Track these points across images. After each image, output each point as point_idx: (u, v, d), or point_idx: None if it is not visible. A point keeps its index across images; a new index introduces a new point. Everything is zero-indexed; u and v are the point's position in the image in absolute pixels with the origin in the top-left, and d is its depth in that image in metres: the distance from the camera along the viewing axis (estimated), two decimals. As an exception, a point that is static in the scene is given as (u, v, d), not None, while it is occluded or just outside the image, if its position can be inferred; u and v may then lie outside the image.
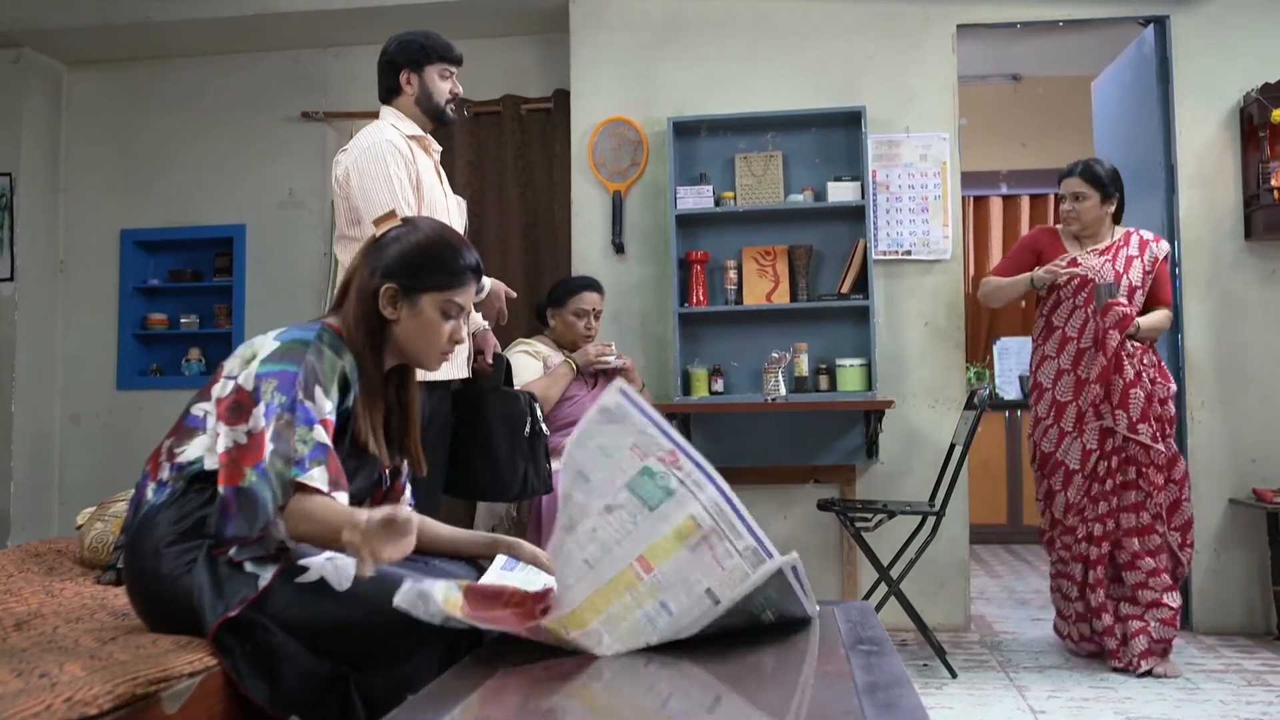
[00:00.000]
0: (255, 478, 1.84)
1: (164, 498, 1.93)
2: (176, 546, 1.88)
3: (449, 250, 2.09)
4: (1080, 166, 4.01)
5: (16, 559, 2.88)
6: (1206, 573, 4.46)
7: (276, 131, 5.47)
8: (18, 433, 5.31)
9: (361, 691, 1.83)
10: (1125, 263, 3.95)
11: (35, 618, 2.09)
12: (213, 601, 1.81)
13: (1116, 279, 3.90)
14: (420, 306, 2.05)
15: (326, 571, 1.86)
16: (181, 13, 5.10)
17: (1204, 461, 4.48)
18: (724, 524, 1.54)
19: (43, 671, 1.59)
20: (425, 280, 2.05)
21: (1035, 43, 6.51)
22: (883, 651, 1.70)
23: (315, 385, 1.92)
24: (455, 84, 3.35)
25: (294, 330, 2.01)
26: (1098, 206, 3.97)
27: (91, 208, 5.61)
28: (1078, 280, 3.91)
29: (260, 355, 1.94)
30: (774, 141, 4.80)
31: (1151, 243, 3.99)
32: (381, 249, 2.07)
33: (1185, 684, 3.63)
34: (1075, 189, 3.99)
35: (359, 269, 2.08)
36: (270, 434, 1.86)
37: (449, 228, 2.16)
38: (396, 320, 2.05)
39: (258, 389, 1.89)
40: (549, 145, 5.16)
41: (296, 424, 1.87)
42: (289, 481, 1.85)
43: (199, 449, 1.95)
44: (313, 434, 1.88)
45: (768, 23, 4.82)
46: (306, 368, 1.92)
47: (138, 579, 1.94)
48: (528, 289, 5.02)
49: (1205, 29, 4.56)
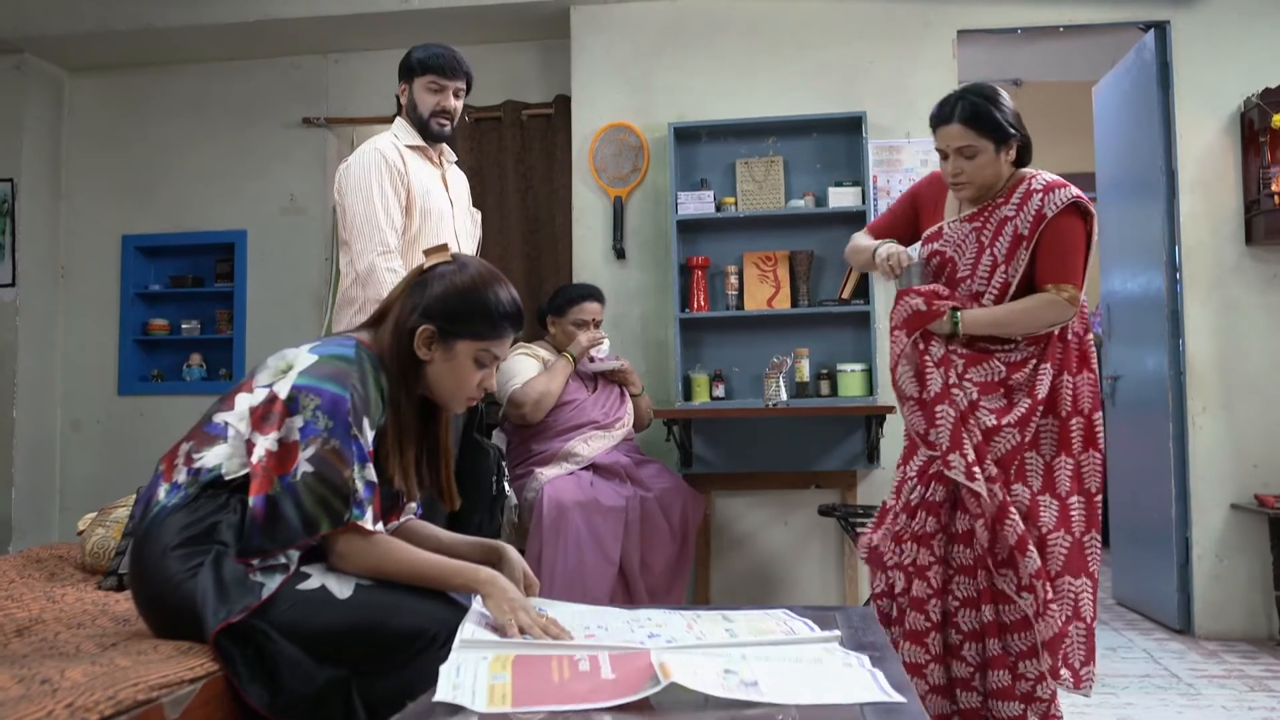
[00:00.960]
0: (280, 489, 1.85)
1: (176, 500, 1.92)
2: (183, 550, 1.88)
3: (493, 299, 2.06)
4: (960, 106, 2.75)
5: (18, 565, 2.88)
6: (1208, 578, 4.46)
7: (277, 137, 5.47)
8: (19, 438, 5.31)
9: (363, 697, 1.83)
10: (995, 229, 2.80)
11: (36, 623, 2.09)
12: (215, 606, 1.81)
13: (979, 253, 2.82)
14: (455, 351, 2.05)
15: (328, 579, 1.87)
16: (182, 19, 5.11)
17: (1205, 467, 4.48)
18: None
19: (44, 677, 1.59)
20: (465, 327, 2.04)
21: (1036, 48, 6.51)
22: (884, 657, 1.70)
23: (364, 417, 1.93)
24: (448, 98, 3.32)
25: (330, 345, 2.01)
26: (994, 160, 2.76)
27: (93, 213, 5.61)
28: (938, 259, 2.90)
29: (298, 367, 1.94)
30: (775, 147, 4.81)
31: (1042, 192, 2.76)
32: (425, 285, 2.06)
33: (1188, 690, 3.63)
34: (958, 141, 2.75)
35: (401, 300, 2.07)
36: (308, 453, 1.86)
37: (495, 273, 2.12)
38: (430, 361, 2.05)
39: (295, 400, 1.89)
40: (550, 151, 5.16)
41: (351, 460, 1.87)
42: (346, 521, 1.85)
43: (218, 457, 1.94)
44: (365, 472, 1.89)
45: (768, 28, 4.83)
46: (354, 394, 1.91)
47: (142, 579, 1.94)
48: (528, 295, 5.02)
49: (1206, 34, 4.56)
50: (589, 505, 3.70)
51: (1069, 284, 2.71)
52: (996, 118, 2.72)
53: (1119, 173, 5.19)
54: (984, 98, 2.74)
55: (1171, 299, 4.58)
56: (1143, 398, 4.88)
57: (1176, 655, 4.13)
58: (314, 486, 1.85)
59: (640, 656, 1.55)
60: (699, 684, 1.41)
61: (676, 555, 3.96)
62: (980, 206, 2.83)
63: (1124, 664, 4.02)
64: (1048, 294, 2.72)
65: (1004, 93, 2.79)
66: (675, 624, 1.88)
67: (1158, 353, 4.67)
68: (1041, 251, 2.74)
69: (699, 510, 4.14)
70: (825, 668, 1.58)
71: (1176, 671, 3.88)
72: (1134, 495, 5.03)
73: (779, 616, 1.95)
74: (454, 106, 3.34)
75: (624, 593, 3.81)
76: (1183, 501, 4.51)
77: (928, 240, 2.92)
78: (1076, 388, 2.78)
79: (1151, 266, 4.73)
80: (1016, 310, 2.75)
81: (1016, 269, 2.76)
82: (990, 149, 2.73)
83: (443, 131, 3.34)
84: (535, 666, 1.52)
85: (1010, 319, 2.75)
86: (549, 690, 1.44)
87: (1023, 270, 2.75)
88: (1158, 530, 4.67)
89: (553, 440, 3.96)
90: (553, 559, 3.64)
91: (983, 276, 2.80)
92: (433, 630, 1.83)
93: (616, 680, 1.46)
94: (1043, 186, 2.76)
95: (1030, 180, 2.79)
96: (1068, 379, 2.77)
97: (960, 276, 2.83)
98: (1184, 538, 4.51)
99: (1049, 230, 2.72)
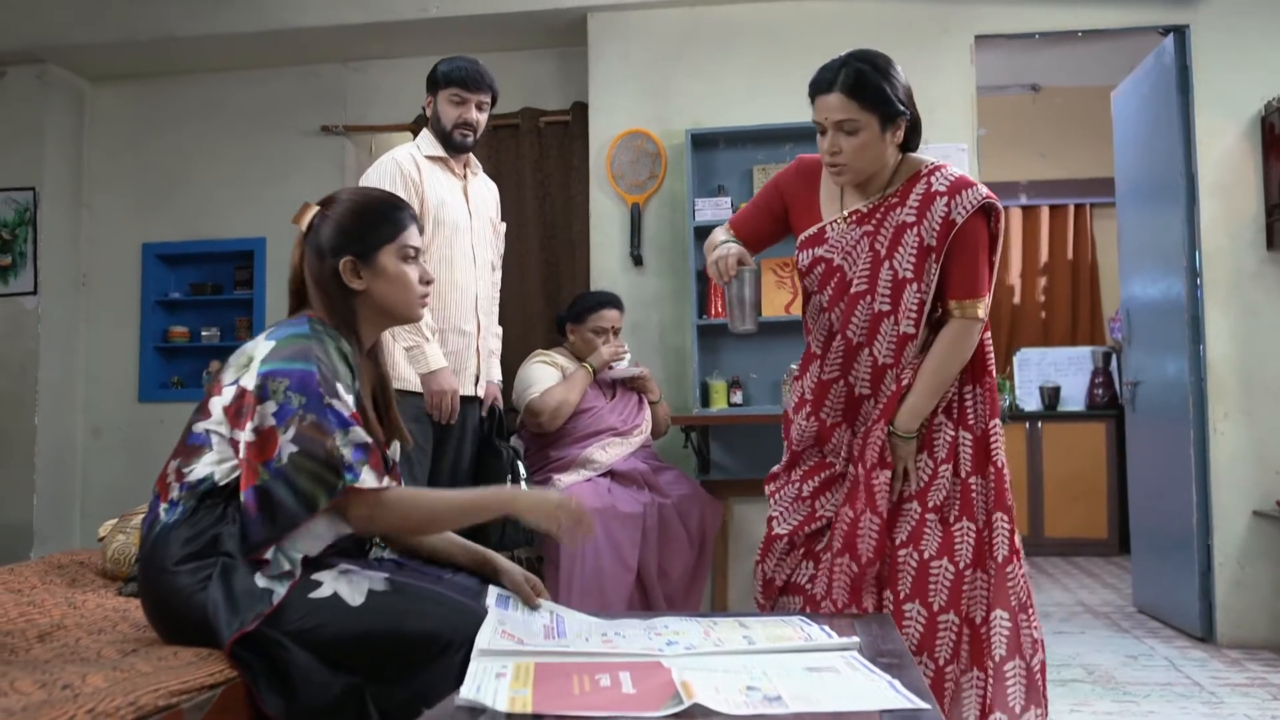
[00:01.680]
0: (268, 476, 1.86)
1: (176, 516, 1.93)
2: (189, 564, 1.88)
3: (379, 203, 2.16)
4: (843, 73, 2.38)
5: (39, 571, 2.90)
6: (1230, 586, 4.42)
7: (296, 145, 5.49)
8: (40, 445, 5.34)
9: (378, 704, 1.83)
10: (892, 236, 2.43)
11: (58, 629, 2.11)
12: (228, 617, 1.81)
13: (875, 264, 2.45)
14: (381, 264, 2.10)
15: (339, 586, 1.87)
16: (202, 28, 5.14)
17: (1226, 473, 4.45)
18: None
19: (65, 683, 1.60)
20: (373, 238, 2.10)
21: (1054, 53, 6.49)
22: (903, 664, 1.69)
23: (335, 383, 1.94)
24: (469, 111, 3.35)
25: (284, 328, 2.02)
26: (878, 139, 2.40)
27: (113, 222, 5.65)
28: (823, 267, 2.53)
29: (259, 356, 1.95)
30: (792, 153, 4.77)
31: (947, 195, 2.39)
32: (316, 233, 2.10)
33: (1210, 698, 3.60)
34: (838, 114, 2.38)
35: (304, 263, 2.11)
36: (289, 435, 1.87)
37: (366, 188, 2.24)
38: (365, 289, 2.09)
39: (264, 386, 1.90)
40: (567, 158, 5.17)
41: (331, 429, 1.88)
42: (341, 490, 1.87)
43: (207, 465, 1.95)
44: (349, 436, 1.90)
45: (785, 34, 4.82)
46: (320, 365, 1.93)
47: (152, 597, 1.94)
48: (546, 302, 5.03)
49: (1226, 38, 4.53)
50: (607, 512, 3.70)
51: (977, 298, 2.40)
52: (884, 89, 2.36)
53: (1138, 178, 5.17)
54: (872, 66, 2.38)
55: (1192, 304, 4.55)
56: (1163, 404, 4.85)
57: (1198, 663, 4.10)
58: (302, 464, 1.86)
59: (662, 674, 1.55)
60: (722, 704, 1.40)
61: (694, 562, 3.96)
62: (871, 205, 2.46)
63: (1145, 672, 3.99)
64: (955, 325, 2.42)
65: (896, 64, 2.45)
66: (693, 631, 1.88)
67: (1178, 358, 4.64)
68: (950, 263, 2.39)
69: (717, 517, 4.13)
70: (843, 676, 1.58)
71: (1199, 680, 3.85)
72: (1155, 502, 5.00)
73: (796, 623, 1.94)
74: (476, 119, 3.38)
75: (642, 599, 3.81)
76: (1204, 508, 4.48)
77: (807, 244, 2.56)
78: (965, 400, 2.49)
79: (1171, 272, 4.70)
80: (937, 376, 2.43)
81: (929, 285, 2.41)
82: (875, 126, 2.36)
83: (465, 143, 3.37)
84: (556, 683, 1.52)
85: (938, 385, 2.44)
86: (570, 701, 1.44)
87: (935, 285, 2.43)
88: (1179, 537, 4.64)
89: (570, 447, 3.96)
90: (570, 566, 3.64)
91: (886, 295, 2.43)
92: (447, 635, 1.83)
93: (637, 696, 1.45)
94: (946, 187, 2.39)
95: (930, 178, 2.42)
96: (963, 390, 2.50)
97: (856, 291, 2.46)
98: (1205, 545, 4.48)
99: (957, 238, 2.37)
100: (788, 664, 1.64)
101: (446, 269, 3.34)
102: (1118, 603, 5.42)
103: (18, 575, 2.78)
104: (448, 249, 3.34)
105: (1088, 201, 7.83)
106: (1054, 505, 7.14)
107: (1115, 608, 5.29)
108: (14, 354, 5.36)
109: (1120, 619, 5.01)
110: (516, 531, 3.48)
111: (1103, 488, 7.09)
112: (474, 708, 1.42)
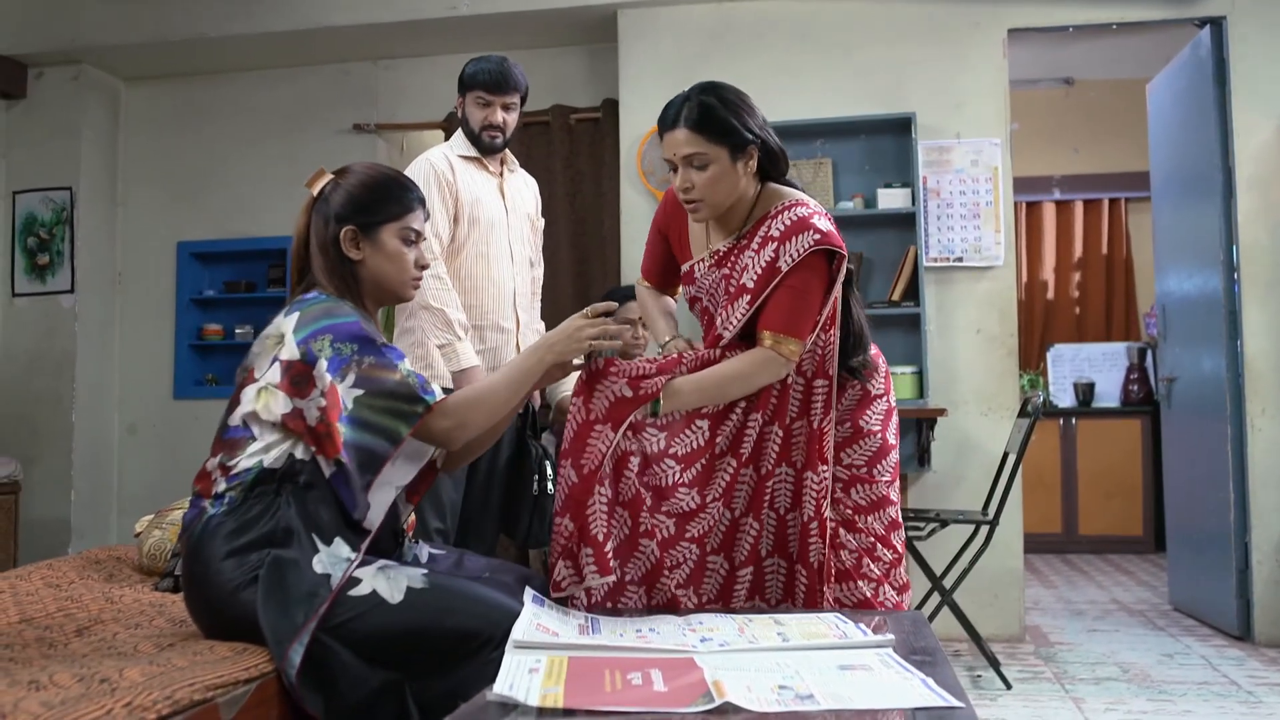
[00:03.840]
0: (347, 429, 1.91)
1: (222, 509, 1.93)
2: (234, 559, 1.89)
3: (392, 183, 2.18)
4: (685, 108, 2.29)
5: (77, 566, 2.93)
6: (1268, 584, 4.37)
7: (328, 143, 5.52)
8: (77, 442, 5.41)
9: (416, 700, 1.84)
10: (738, 281, 2.32)
11: (95, 624, 2.13)
12: (276, 621, 1.82)
13: (725, 309, 2.33)
14: (381, 240, 2.14)
15: (378, 584, 1.88)
16: (235, 28, 5.18)
17: (1265, 470, 4.39)
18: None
19: (103, 677, 1.62)
20: (379, 213, 2.14)
21: (1088, 46, 6.44)
22: (936, 662, 1.68)
23: (374, 329, 2.03)
24: (495, 113, 3.34)
25: (299, 303, 2.06)
26: (730, 170, 2.29)
27: (148, 220, 5.70)
28: (698, 306, 2.48)
29: (289, 329, 1.99)
30: (823, 149, 4.78)
31: (779, 241, 2.26)
32: (326, 200, 2.15)
33: (1248, 698, 3.56)
34: (685, 148, 2.28)
35: (310, 227, 2.17)
36: (348, 382, 1.93)
37: (383, 165, 2.24)
38: (362, 260, 2.13)
39: (308, 351, 1.95)
40: (598, 155, 5.17)
41: (394, 363, 1.97)
42: (422, 414, 1.95)
43: (254, 456, 1.96)
44: (405, 365, 1.98)
45: (815, 30, 4.80)
46: (358, 316, 2.02)
47: (196, 591, 1.96)
48: (576, 299, 5.03)
49: (1263, 30, 4.47)
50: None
51: (794, 338, 2.22)
52: (729, 120, 2.26)
53: (1174, 171, 5.11)
54: (718, 98, 2.29)
55: (1229, 299, 4.50)
56: (1199, 400, 4.80)
57: (1235, 662, 4.05)
58: (372, 403, 1.92)
59: (694, 672, 1.54)
60: (754, 703, 1.40)
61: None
62: (728, 246, 2.36)
63: (1182, 670, 3.95)
64: (765, 350, 2.22)
65: (745, 94, 2.36)
66: (727, 628, 1.88)
67: (1215, 354, 4.59)
68: (772, 299, 2.24)
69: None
70: (877, 674, 1.57)
71: (1236, 679, 3.81)
72: (1191, 499, 4.94)
73: (831, 620, 1.93)
74: (503, 120, 3.35)
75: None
76: (1241, 505, 4.43)
77: (684, 281, 2.49)
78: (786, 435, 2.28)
79: (1208, 266, 4.65)
80: (728, 376, 2.24)
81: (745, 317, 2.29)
82: (724, 158, 2.26)
83: (494, 144, 3.37)
84: (587, 679, 1.53)
85: (721, 387, 2.23)
86: (601, 697, 1.44)
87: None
88: (1216, 535, 4.59)
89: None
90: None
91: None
92: (486, 632, 1.84)
93: (668, 694, 1.45)
94: (780, 232, 2.25)
95: (775, 219, 2.29)
96: (775, 430, 2.27)
97: (718, 333, 2.35)
98: (1243, 543, 4.43)
99: (785, 280, 2.23)
100: (821, 662, 1.64)
101: (483, 265, 3.34)
102: (1153, 600, 5.37)
103: (56, 570, 2.81)
104: (484, 245, 3.34)
105: (1122, 196, 7.76)
106: (1088, 502, 7.09)
107: (1151, 606, 5.24)
108: (51, 352, 5.42)
109: (1156, 617, 4.96)
110: (542, 529, 3.49)
111: (1138, 485, 7.03)
112: (506, 702, 1.42)
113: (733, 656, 1.67)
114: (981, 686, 3.75)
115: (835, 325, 2.32)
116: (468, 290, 3.30)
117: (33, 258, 5.47)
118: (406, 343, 3.28)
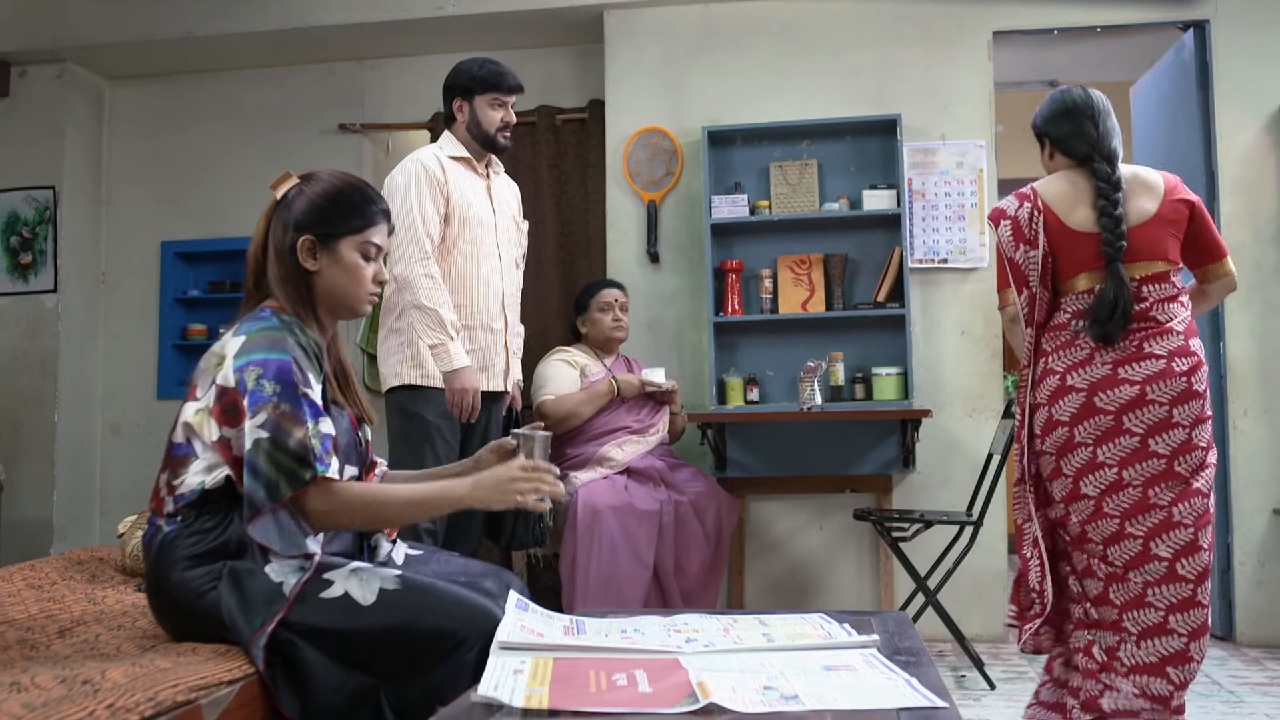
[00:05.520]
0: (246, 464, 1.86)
1: (176, 528, 1.93)
2: (196, 570, 1.89)
3: (356, 194, 2.12)
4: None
5: (59, 567, 2.92)
6: (1250, 584, 4.40)
7: (314, 144, 5.50)
8: (60, 442, 5.38)
9: (392, 703, 1.83)
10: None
11: (78, 625, 2.12)
12: (246, 617, 1.82)
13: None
14: (340, 252, 2.08)
15: (350, 586, 1.87)
16: (220, 27, 5.16)
17: (1247, 471, 4.42)
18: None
19: (85, 678, 1.61)
20: (340, 225, 2.08)
21: (1073, 48, 6.45)
22: (920, 662, 1.69)
23: (308, 373, 1.94)
24: (508, 112, 3.42)
25: (250, 322, 2.00)
26: None
27: (132, 220, 5.67)
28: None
29: (230, 352, 1.94)
30: (809, 150, 4.79)
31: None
32: (288, 206, 2.10)
33: (1229, 697, 3.58)
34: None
35: (270, 232, 2.10)
36: (258, 419, 1.85)
37: (350, 175, 2.19)
38: (318, 271, 2.07)
39: (241, 380, 1.89)
40: (584, 155, 5.17)
41: (304, 418, 1.87)
42: (310, 480, 1.85)
43: (196, 475, 1.93)
44: (320, 426, 1.90)
45: (802, 32, 4.81)
46: (294, 355, 1.92)
47: (160, 597, 1.95)
48: (563, 299, 5.03)
49: (1246, 33, 4.50)
50: (623, 509, 3.71)
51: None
52: None
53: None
54: None
55: (1212, 301, 4.51)
56: (1183, 401, 4.81)
57: (1218, 662, 4.07)
58: (270, 452, 1.84)
59: (679, 672, 1.55)
60: (739, 704, 1.40)
61: (711, 559, 3.96)
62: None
63: (1164, 671, 3.96)
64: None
65: None
66: (712, 628, 1.88)
67: (1198, 356, 4.60)
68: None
69: (733, 514, 4.13)
70: (861, 675, 1.58)
71: (1218, 679, 3.83)
72: (1174, 500, 4.96)
73: (815, 621, 1.94)
74: (513, 119, 3.45)
75: (658, 597, 3.81)
76: (1223, 507, 4.45)
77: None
78: None
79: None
80: None
81: None
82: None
83: (508, 144, 3.43)
84: (572, 681, 1.53)
85: None
86: (586, 699, 1.44)
87: None
88: (1198, 535, 4.60)
89: (587, 445, 3.97)
90: (587, 563, 3.65)
91: None
92: (461, 632, 1.83)
93: (653, 695, 1.45)
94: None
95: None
96: None
97: None
98: (1225, 544, 4.45)
99: None
100: (806, 662, 1.64)
101: (474, 266, 3.36)
102: (1136, 601, 5.39)
103: (38, 571, 2.80)
104: (474, 247, 3.36)
105: (1106, 198, 7.77)
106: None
107: (1134, 606, 5.26)
108: (34, 351, 5.39)
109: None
110: (527, 532, 3.49)
111: (1121, 486, 7.04)
112: (490, 704, 1.42)
113: (718, 657, 1.67)
114: (966, 687, 3.76)
115: None
116: (459, 290, 3.32)
117: (15, 257, 5.44)
118: (396, 342, 3.28)
